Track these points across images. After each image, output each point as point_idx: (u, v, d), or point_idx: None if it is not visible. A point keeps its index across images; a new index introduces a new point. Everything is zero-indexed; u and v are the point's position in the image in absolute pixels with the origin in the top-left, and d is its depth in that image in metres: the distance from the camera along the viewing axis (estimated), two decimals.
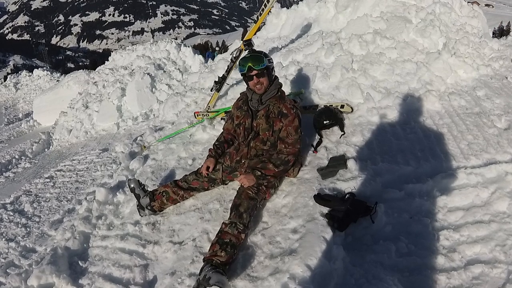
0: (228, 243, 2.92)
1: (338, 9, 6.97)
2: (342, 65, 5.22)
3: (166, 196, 3.71)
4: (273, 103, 3.52)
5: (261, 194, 3.33)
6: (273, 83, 3.57)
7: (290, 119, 3.45)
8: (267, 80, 3.50)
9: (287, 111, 3.47)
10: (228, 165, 3.70)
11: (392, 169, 3.66)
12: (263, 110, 3.54)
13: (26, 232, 4.43)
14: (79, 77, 11.82)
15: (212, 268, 2.69)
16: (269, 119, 3.50)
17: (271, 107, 3.52)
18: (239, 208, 3.14)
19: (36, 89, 17.92)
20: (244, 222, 3.06)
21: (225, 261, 2.83)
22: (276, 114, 3.48)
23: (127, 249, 3.50)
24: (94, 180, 5.43)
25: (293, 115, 3.48)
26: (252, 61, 3.42)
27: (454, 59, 5.25)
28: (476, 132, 4.10)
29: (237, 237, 2.97)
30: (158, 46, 10.50)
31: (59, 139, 8.91)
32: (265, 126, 3.50)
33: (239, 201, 3.21)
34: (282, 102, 3.52)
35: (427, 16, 5.87)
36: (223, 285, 2.61)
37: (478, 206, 3.16)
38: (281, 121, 3.46)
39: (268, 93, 3.53)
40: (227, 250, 2.87)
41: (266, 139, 3.52)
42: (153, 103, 8.52)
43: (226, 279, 2.69)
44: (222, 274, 2.67)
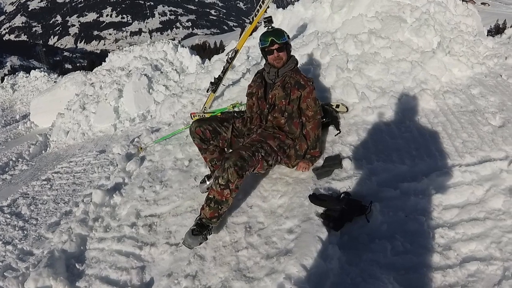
0: (212, 199, 3.10)
1: (334, 9, 6.99)
2: (337, 65, 5.23)
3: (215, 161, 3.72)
4: (290, 74, 3.61)
5: (253, 161, 3.20)
6: (290, 59, 3.67)
7: (308, 90, 3.55)
8: (286, 55, 3.60)
9: (304, 82, 3.56)
10: (239, 127, 3.74)
11: (388, 168, 3.67)
12: (279, 81, 3.62)
13: (23, 235, 4.43)
14: (76, 78, 11.81)
15: (192, 230, 3.11)
16: (286, 88, 3.56)
17: (287, 78, 3.59)
18: (224, 163, 3.07)
19: (33, 91, 17.84)
20: (227, 178, 3.02)
21: (209, 216, 3.13)
22: (293, 84, 3.55)
23: (124, 251, 3.51)
24: (91, 182, 5.44)
25: (311, 87, 3.57)
26: (274, 35, 3.54)
27: (449, 58, 5.27)
28: (470, 130, 4.11)
29: (220, 194, 3.07)
30: (155, 47, 10.50)
31: (56, 141, 8.90)
32: (282, 94, 3.56)
33: (228, 155, 3.15)
34: (298, 74, 3.64)
35: (422, 16, 5.88)
36: (189, 246, 3.14)
37: (473, 203, 3.18)
38: (298, 91, 3.53)
39: (285, 67, 3.62)
40: (210, 206, 3.11)
41: (284, 109, 3.56)
42: (150, 104, 8.53)
43: (198, 240, 3.11)
44: (196, 235, 3.09)
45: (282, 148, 3.50)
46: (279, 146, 3.47)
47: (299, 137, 3.63)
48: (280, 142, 3.50)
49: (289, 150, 3.58)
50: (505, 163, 3.50)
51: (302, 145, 3.63)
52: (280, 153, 3.49)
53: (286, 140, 3.56)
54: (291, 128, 3.60)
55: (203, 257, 3.15)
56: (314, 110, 3.57)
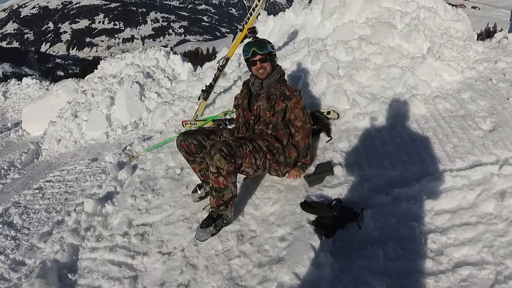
0: (212, 187, 3.18)
1: (324, 16, 7.03)
2: (328, 71, 5.25)
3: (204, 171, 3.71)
4: (275, 85, 3.56)
5: (240, 151, 3.17)
6: (275, 69, 3.63)
7: (295, 101, 3.50)
8: (270, 65, 3.55)
9: (290, 93, 3.52)
10: (226, 137, 3.67)
11: (379, 174, 3.67)
12: (264, 92, 3.57)
13: (16, 245, 4.40)
14: (68, 86, 11.77)
15: (201, 223, 3.24)
16: (270, 100, 3.51)
17: (272, 90, 3.55)
18: (211, 149, 3.06)
19: (25, 98, 17.75)
20: (216, 165, 3.03)
21: (215, 205, 3.21)
22: (278, 95, 3.50)
23: (116, 261, 3.48)
24: (84, 191, 5.41)
25: (297, 97, 3.53)
26: (256, 46, 3.49)
27: (439, 63, 5.29)
28: (461, 134, 4.12)
29: (215, 181, 3.11)
30: (147, 54, 10.49)
31: (48, 149, 8.86)
32: (266, 106, 3.51)
33: (214, 142, 3.13)
34: (284, 85, 3.59)
35: (412, 21, 5.91)
36: (199, 239, 3.24)
37: (464, 208, 3.17)
38: (284, 102, 3.49)
39: (270, 77, 3.58)
40: (213, 195, 3.19)
41: (268, 121, 3.53)
42: (142, 112, 8.51)
43: (208, 232, 3.21)
44: (205, 227, 3.20)
45: (271, 151, 3.47)
46: (268, 147, 3.45)
47: (287, 145, 3.59)
48: (269, 144, 3.48)
49: (278, 155, 3.52)
50: (496, 167, 3.50)
51: (291, 152, 3.58)
52: (270, 155, 3.45)
53: (276, 143, 3.52)
54: (277, 139, 3.57)
55: (196, 266, 3.13)
56: (303, 120, 3.54)
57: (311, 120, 3.68)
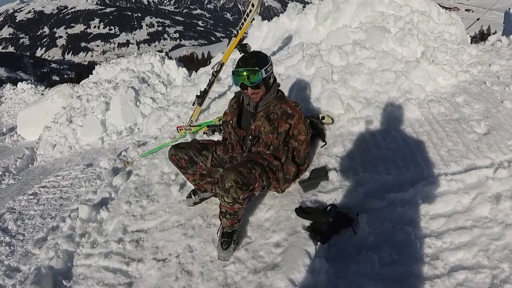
0: (225, 212, 3.07)
1: (318, 21, 7.04)
2: (322, 76, 5.25)
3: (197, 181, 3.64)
4: (274, 103, 3.33)
5: (251, 177, 3.05)
6: (271, 88, 3.35)
7: (298, 117, 3.31)
8: (264, 89, 3.28)
9: (292, 110, 3.31)
10: (220, 155, 3.54)
11: (374, 179, 3.66)
12: (262, 111, 3.33)
13: (10, 251, 4.37)
14: (63, 91, 11.74)
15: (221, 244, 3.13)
16: (272, 121, 3.30)
17: (272, 108, 3.32)
18: (224, 182, 2.92)
19: (20, 103, 17.73)
20: (233, 197, 2.93)
21: (229, 224, 3.13)
22: (280, 115, 3.30)
23: (111, 267, 3.47)
24: (79, 197, 5.38)
25: (299, 112, 3.35)
26: (246, 78, 3.18)
27: (433, 67, 5.29)
28: (456, 138, 4.12)
29: (231, 208, 3.03)
30: (142, 59, 10.49)
31: (43, 155, 8.82)
32: (269, 129, 3.29)
33: (225, 173, 2.96)
34: (284, 102, 3.35)
35: (406, 25, 5.92)
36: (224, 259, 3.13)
37: (459, 212, 3.17)
38: (287, 122, 3.29)
39: (266, 98, 3.33)
40: (227, 217, 3.09)
41: (270, 143, 3.34)
42: (137, 117, 8.49)
43: (231, 251, 3.13)
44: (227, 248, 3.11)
45: (271, 169, 3.33)
46: (268, 166, 3.31)
47: (286, 162, 3.43)
48: (269, 163, 3.33)
49: (277, 172, 3.38)
50: (490, 170, 3.51)
51: (290, 168, 3.42)
52: (271, 173, 3.32)
53: (274, 161, 3.36)
54: (276, 157, 3.40)
55: (191, 272, 3.12)
56: (306, 133, 3.41)
57: (310, 128, 3.57)
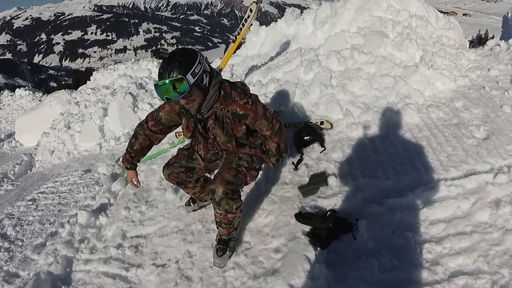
0: (220, 222, 3.06)
1: (316, 26, 7.07)
2: (321, 81, 5.26)
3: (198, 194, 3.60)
4: (220, 108, 2.82)
5: (240, 178, 2.96)
6: (209, 90, 2.74)
7: (252, 114, 2.86)
8: (198, 93, 2.67)
9: (243, 110, 2.83)
10: (202, 155, 3.26)
11: (373, 184, 3.67)
12: (210, 118, 2.88)
13: (9, 257, 4.31)
14: (61, 97, 11.70)
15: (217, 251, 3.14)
16: (226, 129, 2.89)
17: (219, 113, 2.84)
18: (214, 196, 2.85)
19: (18, 109, 17.69)
20: (225, 208, 2.88)
21: (226, 233, 3.11)
22: (231, 119, 2.86)
23: (110, 273, 3.44)
24: (77, 202, 5.34)
25: (252, 108, 2.85)
26: (168, 92, 2.54)
27: (432, 72, 5.31)
28: (455, 143, 4.13)
29: (225, 218, 3.00)
30: (140, 65, 10.47)
31: (42, 161, 8.77)
32: (225, 139, 2.92)
33: (213, 186, 2.86)
34: (231, 102, 2.81)
35: (404, 30, 5.95)
36: (219, 266, 3.13)
37: (459, 217, 3.17)
38: (241, 123, 2.89)
39: (206, 103, 2.77)
40: (222, 226, 3.07)
41: (232, 148, 3.02)
42: (135, 123, 8.41)
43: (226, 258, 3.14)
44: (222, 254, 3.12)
45: (257, 148, 3.19)
46: (250, 146, 3.15)
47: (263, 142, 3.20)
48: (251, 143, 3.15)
49: (263, 146, 3.22)
50: (490, 175, 3.52)
51: (270, 144, 3.16)
52: (258, 152, 3.18)
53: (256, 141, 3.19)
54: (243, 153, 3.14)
55: (190, 278, 3.11)
56: (270, 127, 2.98)
57: (278, 117, 3.05)
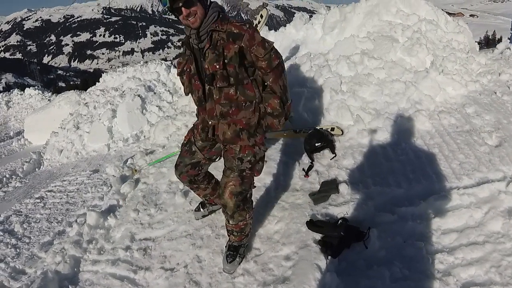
0: (232, 230, 3.08)
1: (325, 31, 7.04)
2: (331, 87, 5.24)
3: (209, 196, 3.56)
4: (215, 27, 2.67)
5: (247, 183, 2.89)
6: (210, 8, 2.68)
7: (248, 36, 2.65)
8: (201, 8, 2.60)
9: (238, 29, 2.65)
10: (199, 142, 3.14)
11: (384, 192, 3.63)
12: (207, 42, 2.70)
13: (16, 253, 4.31)
14: (70, 98, 11.76)
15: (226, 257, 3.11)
16: (217, 47, 2.67)
17: (216, 34, 2.68)
18: (226, 210, 2.89)
19: (27, 108, 17.82)
20: (238, 219, 2.94)
21: (238, 240, 3.12)
22: (225, 38, 2.66)
23: (118, 275, 3.44)
24: (85, 202, 5.34)
25: (249, 31, 2.67)
26: None
27: (442, 77, 5.26)
28: (467, 150, 4.08)
29: (237, 226, 3.02)
30: (148, 68, 10.48)
31: (50, 159, 8.80)
32: (212, 56, 2.66)
33: (224, 201, 2.85)
34: (227, 23, 2.67)
35: (414, 35, 5.90)
36: (229, 272, 3.09)
37: (472, 227, 3.13)
38: (235, 43, 2.65)
39: (206, 21, 2.65)
40: (234, 234, 3.09)
41: (222, 74, 2.68)
42: (143, 125, 8.47)
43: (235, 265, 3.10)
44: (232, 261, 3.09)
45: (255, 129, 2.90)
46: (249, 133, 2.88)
47: (263, 97, 2.88)
48: (247, 128, 2.87)
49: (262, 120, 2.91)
50: (503, 184, 3.47)
51: (271, 102, 2.83)
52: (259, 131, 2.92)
53: (250, 119, 2.86)
54: (246, 95, 2.80)
55: (199, 283, 3.09)
56: (267, 58, 2.70)
57: (278, 53, 2.79)
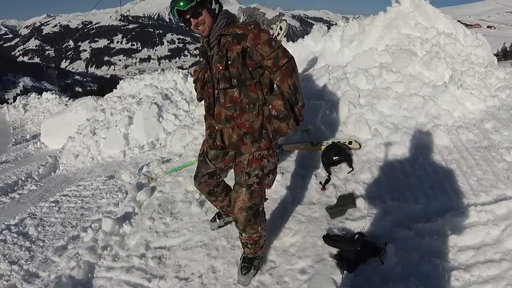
0: (246, 243, 3.09)
1: (344, 43, 7.04)
2: (349, 100, 5.24)
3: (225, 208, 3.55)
4: (223, 32, 2.72)
5: (256, 197, 2.87)
6: (218, 16, 2.75)
7: (252, 36, 2.63)
8: (209, 16, 2.69)
9: (242, 30, 2.66)
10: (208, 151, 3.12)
11: (402, 208, 3.61)
12: (216, 47, 2.75)
13: (30, 256, 4.33)
14: (87, 103, 11.92)
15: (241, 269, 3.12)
16: (222, 49, 2.71)
17: (223, 39, 2.72)
18: (238, 226, 2.95)
19: (44, 112, 18.10)
20: (251, 232, 2.96)
21: (252, 252, 3.13)
22: (230, 41, 2.68)
23: (132, 282, 3.45)
24: (100, 208, 5.38)
25: (253, 30, 2.64)
26: (178, 2, 2.61)
27: (461, 91, 5.21)
28: (485, 167, 4.04)
29: (250, 238, 3.03)
30: (166, 76, 10.60)
31: (66, 164, 8.90)
32: (216, 58, 2.71)
33: (235, 216, 2.89)
34: (232, 26, 2.71)
35: (432, 48, 5.88)
36: (243, 284, 3.10)
37: (488, 244, 3.09)
38: (239, 44, 2.65)
39: (214, 29, 2.74)
40: (249, 247, 3.10)
41: (224, 74, 2.70)
42: (159, 133, 8.54)
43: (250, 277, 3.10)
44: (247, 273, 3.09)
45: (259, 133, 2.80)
46: (253, 137, 2.79)
47: (266, 100, 2.78)
48: (251, 131, 2.78)
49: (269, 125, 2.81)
50: None
51: (275, 104, 2.72)
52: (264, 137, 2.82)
53: (253, 122, 2.78)
54: (249, 97, 2.74)
55: None
56: (273, 57, 2.63)
57: (287, 53, 2.71)
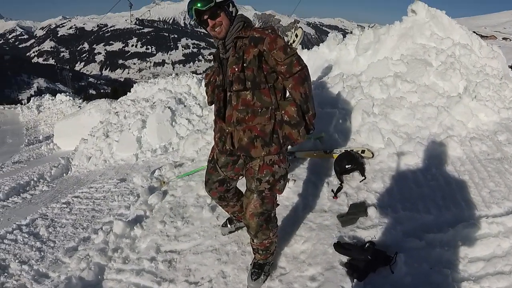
0: (257, 249, 3.11)
1: (359, 52, 7.04)
2: (363, 109, 5.24)
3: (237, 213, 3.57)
4: (240, 34, 2.76)
5: (268, 203, 2.87)
6: (235, 19, 2.80)
7: (269, 40, 2.66)
8: (226, 18, 2.74)
9: (259, 34, 2.69)
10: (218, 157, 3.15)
11: (413, 218, 3.60)
12: (232, 50, 2.78)
13: (40, 256, 4.37)
14: (101, 106, 12.08)
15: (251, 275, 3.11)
16: (238, 51, 2.73)
17: (239, 41, 2.75)
18: (250, 231, 2.98)
19: (58, 113, 18.36)
20: (262, 238, 2.98)
21: (263, 258, 3.14)
22: (247, 44, 2.71)
23: (142, 285, 3.48)
24: (111, 210, 5.43)
25: (271, 35, 2.68)
26: (196, 2, 2.64)
27: (475, 103, 5.20)
28: (497, 179, 4.02)
29: (261, 244, 3.06)
30: (180, 81, 10.68)
31: (78, 165, 9.00)
32: (232, 59, 2.73)
33: (247, 222, 2.92)
34: (250, 29, 2.76)
35: (447, 59, 5.86)
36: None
37: (499, 256, 3.07)
38: (256, 47, 2.67)
39: (231, 31, 2.78)
40: (259, 253, 3.12)
41: (239, 77, 2.70)
42: (172, 137, 8.60)
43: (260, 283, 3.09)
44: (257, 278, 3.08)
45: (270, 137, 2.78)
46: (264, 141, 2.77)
47: (279, 106, 2.79)
48: (262, 135, 2.77)
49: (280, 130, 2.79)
50: None
51: (288, 110, 2.73)
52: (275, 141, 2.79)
53: (265, 125, 2.77)
54: (262, 100, 2.75)
55: None
56: (287, 63, 2.66)
57: (301, 61, 2.73)
